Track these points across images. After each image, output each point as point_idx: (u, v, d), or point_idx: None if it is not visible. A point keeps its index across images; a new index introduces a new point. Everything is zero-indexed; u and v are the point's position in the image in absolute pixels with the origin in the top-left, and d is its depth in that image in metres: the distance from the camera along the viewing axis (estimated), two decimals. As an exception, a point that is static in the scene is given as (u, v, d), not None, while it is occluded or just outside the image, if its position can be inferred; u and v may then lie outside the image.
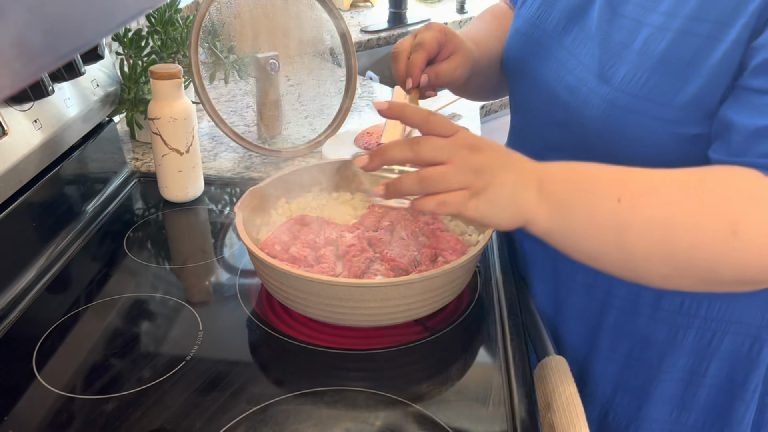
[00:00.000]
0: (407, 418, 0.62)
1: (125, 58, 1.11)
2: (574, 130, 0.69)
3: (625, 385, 0.79)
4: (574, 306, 0.81)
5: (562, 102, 0.70)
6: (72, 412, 0.62)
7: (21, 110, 0.79)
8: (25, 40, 0.24)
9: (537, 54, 0.75)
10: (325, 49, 1.21)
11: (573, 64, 0.69)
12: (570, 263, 0.81)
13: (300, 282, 0.68)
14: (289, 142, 1.19)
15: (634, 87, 0.62)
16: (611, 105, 0.64)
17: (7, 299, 0.76)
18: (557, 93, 0.71)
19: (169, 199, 0.99)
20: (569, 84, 0.69)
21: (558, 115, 0.71)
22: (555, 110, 0.71)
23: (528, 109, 0.79)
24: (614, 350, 0.78)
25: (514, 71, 0.80)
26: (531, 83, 0.76)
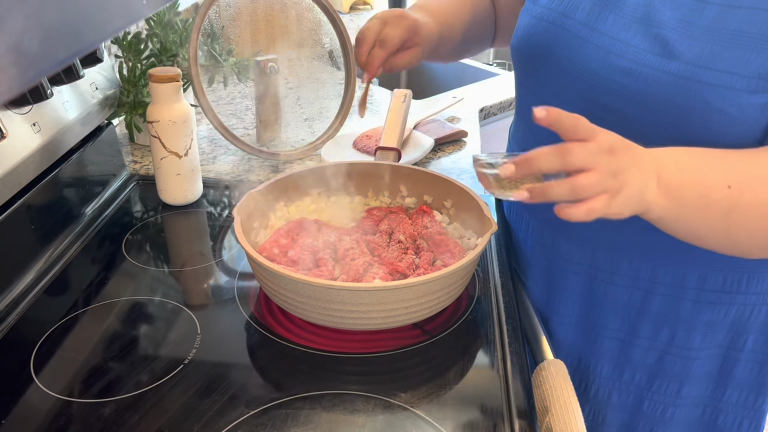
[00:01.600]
0: (405, 421, 0.62)
1: (124, 61, 1.11)
2: (630, 114, 0.69)
3: (664, 370, 0.81)
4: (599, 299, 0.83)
5: (615, 87, 0.69)
6: (70, 416, 0.62)
7: (20, 113, 0.79)
8: (23, 46, 0.24)
9: (570, 42, 0.73)
10: (324, 52, 1.21)
11: (621, 48, 0.68)
12: (564, 266, 0.82)
13: (298, 285, 0.68)
14: (288, 145, 1.19)
15: (708, 61, 0.63)
16: (686, 80, 0.64)
17: (5, 302, 0.76)
18: (607, 78, 0.69)
19: (168, 202, 0.99)
20: (624, 67, 0.68)
21: (608, 102, 0.70)
22: (603, 97, 0.70)
23: (563, 100, 0.75)
24: (655, 338, 0.80)
25: (538, 61, 0.78)
26: (565, 73, 0.74)
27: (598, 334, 0.84)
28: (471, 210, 0.83)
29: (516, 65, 0.84)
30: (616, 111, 0.70)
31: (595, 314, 0.84)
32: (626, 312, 0.81)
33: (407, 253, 0.79)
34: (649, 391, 0.84)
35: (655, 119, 0.67)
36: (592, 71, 0.71)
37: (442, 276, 0.68)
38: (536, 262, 0.88)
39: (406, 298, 0.69)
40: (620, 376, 0.85)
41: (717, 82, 0.63)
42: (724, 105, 0.63)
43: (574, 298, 0.85)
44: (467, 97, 1.46)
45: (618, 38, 0.69)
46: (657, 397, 0.83)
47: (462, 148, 1.22)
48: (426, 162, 1.16)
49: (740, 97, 0.63)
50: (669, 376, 0.82)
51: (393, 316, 0.70)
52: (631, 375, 0.84)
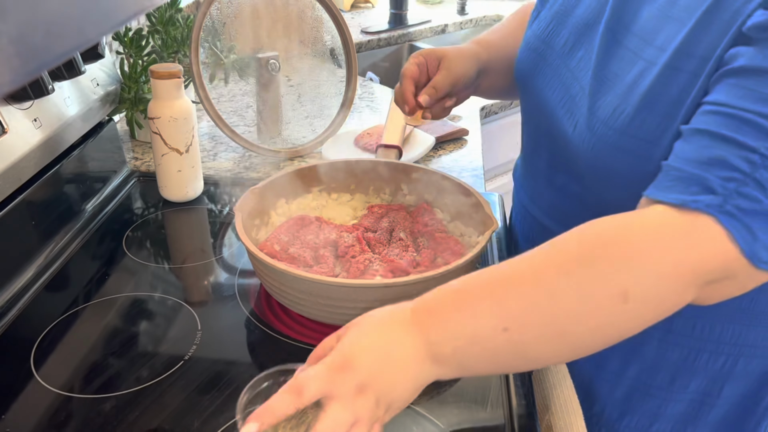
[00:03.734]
0: (405, 418, 0.62)
1: (125, 57, 1.11)
2: (571, 156, 0.67)
3: (634, 407, 0.76)
4: None
5: (562, 126, 0.67)
6: (70, 411, 0.62)
7: (21, 109, 0.79)
8: (26, 38, 0.24)
9: (543, 72, 0.72)
10: (325, 50, 1.21)
11: (576, 89, 0.67)
12: None
13: (299, 282, 0.68)
14: (289, 142, 1.19)
15: (621, 123, 0.60)
16: (599, 140, 0.62)
17: (5, 297, 0.76)
18: (558, 116, 0.68)
19: (169, 199, 0.99)
20: (569, 109, 0.66)
21: (559, 138, 0.69)
22: (556, 132, 0.69)
23: (535, 126, 0.76)
24: (622, 374, 0.75)
25: (522, 86, 0.78)
26: (536, 100, 0.73)
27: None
28: (472, 208, 0.83)
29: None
30: (565, 149, 0.68)
31: None
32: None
33: (408, 250, 0.79)
34: (620, 425, 0.78)
35: (584, 172, 0.65)
36: (551, 105, 0.69)
37: (443, 273, 0.68)
38: None
39: (407, 295, 0.68)
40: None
41: (624, 146, 0.60)
42: (628, 172, 0.60)
43: None
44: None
45: (576, 77, 0.66)
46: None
47: (463, 146, 1.22)
48: (427, 160, 1.16)
49: (648, 165, 0.58)
50: (639, 413, 0.76)
51: (393, 314, 0.70)
52: (600, 409, 0.78)
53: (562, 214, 0.73)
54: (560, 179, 0.72)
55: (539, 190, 0.77)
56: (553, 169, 0.73)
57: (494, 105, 1.48)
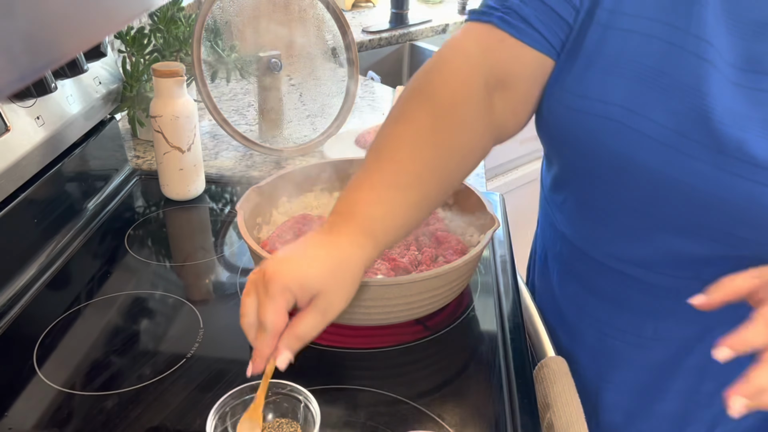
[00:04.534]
0: (407, 416, 0.62)
1: (127, 55, 1.11)
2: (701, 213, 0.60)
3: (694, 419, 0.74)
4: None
5: (680, 186, 0.59)
6: (72, 409, 0.62)
7: (23, 107, 0.79)
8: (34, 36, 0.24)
9: (629, 139, 0.60)
10: (326, 49, 1.21)
11: (692, 147, 0.58)
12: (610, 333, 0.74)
13: (301, 280, 0.68)
14: (291, 141, 1.19)
15: None
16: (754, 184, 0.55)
17: (8, 295, 0.76)
18: (677, 179, 0.59)
19: (171, 197, 0.99)
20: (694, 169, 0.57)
21: (675, 202, 0.60)
22: (673, 195, 0.60)
23: (618, 191, 0.64)
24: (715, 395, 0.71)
25: (587, 159, 0.64)
26: (619, 169, 0.62)
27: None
28: (473, 207, 0.83)
29: (555, 155, 0.72)
30: (683, 209, 0.60)
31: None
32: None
33: (409, 249, 0.79)
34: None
35: (736, 227, 0.59)
36: (651, 167, 0.60)
37: (445, 272, 0.69)
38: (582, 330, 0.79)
39: (408, 293, 0.69)
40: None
41: None
42: None
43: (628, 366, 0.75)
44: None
45: (683, 133, 0.58)
46: None
47: (464, 145, 1.22)
48: (428, 159, 1.16)
49: None
50: None
51: (395, 312, 0.70)
52: None
53: (655, 264, 0.66)
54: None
55: (610, 237, 0.68)
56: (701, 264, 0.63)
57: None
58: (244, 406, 0.60)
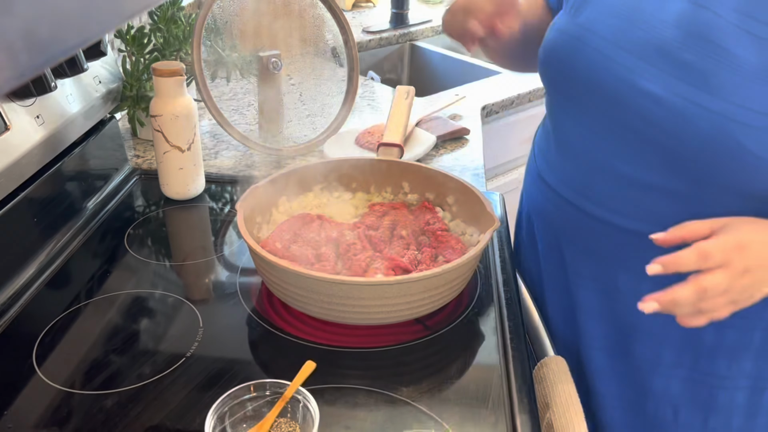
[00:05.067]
0: (407, 415, 0.62)
1: (127, 55, 1.11)
2: (657, 139, 0.67)
3: (689, 401, 0.78)
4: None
5: (642, 111, 0.66)
6: (72, 408, 0.62)
7: (23, 105, 0.79)
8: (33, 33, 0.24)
9: (593, 59, 0.70)
10: (327, 49, 1.21)
11: (649, 71, 0.65)
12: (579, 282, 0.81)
13: (301, 279, 0.68)
14: (291, 140, 1.19)
15: (749, 101, 0.61)
16: (720, 116, 0.62)
17: (7, 294, 0.76)
18: (633, 101, 0.67)
19: (170, 197, 0.99)
20: (651, 92, 0.65)
21: (634, 124, 0.68)
22: (630, 119, 0.68)
23: (591, 117, 0.73)
24: (679, 365, 0.77)
25: (562, 75, 0.76)
26: (589, 90, 0.71)
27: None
28: (473, 207, 0.83)
29: (542, 79, 0.82)
30: (641, 134, 0.68)
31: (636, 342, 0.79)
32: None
33: (409, 248, 0.79)
34: (675, 425, 0.80)
35: (682, 148, 0.65)
36: (616, 91, 0.68)
37: (444, 272, 0.69)
38: (552, 279, 0.87)
39: (408, 293, 0.69)
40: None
41: (754, 123, 0.61)
42: (757, 148, 0.61)
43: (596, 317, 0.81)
44: (470, 94, 1.46)
45: (645, 60, 0.66)
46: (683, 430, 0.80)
47: (464, 145, 1.22)
48: (428, 159, 1.17)
49: None
50: (694, 406, 0.78)
51: (395, 311, 0.70)
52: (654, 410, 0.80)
53: (632, 207, 0.72)
54: (628, 169, 0.71)
55: (579, 174, 0.76)
56: (616, 159, 0.71)
57: (495, 104, 1.48)
58: (243, 406, 0.60)
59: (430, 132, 1.21)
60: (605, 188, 0.73)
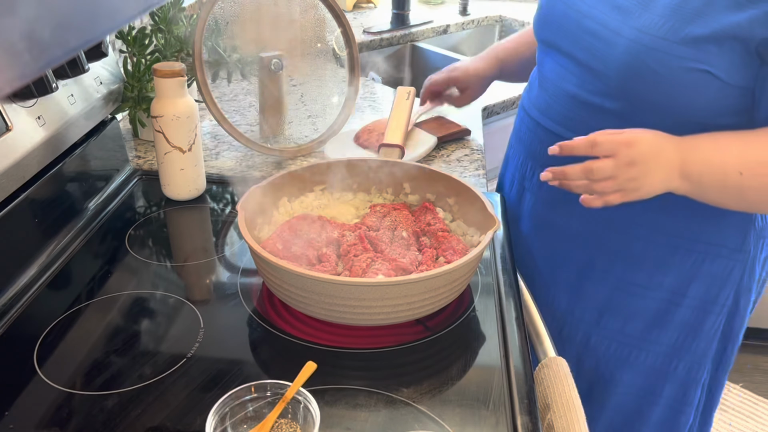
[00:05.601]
0: (408, 416, 0.62)
1: (129, 56, 1.11)
2: (598, 70, 0.81)
3: (613, 307, 0.93)
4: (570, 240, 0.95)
5: (585, 44, 0.82)
6: (72, 408, 0.62)
7: (25, 106, 0.79)
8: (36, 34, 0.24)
9: (563, 11, 0.87)
10: (328, 50, 1.21)
11: (593, 13, 0.81)
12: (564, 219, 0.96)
13: (302, 280, 0.68)
14: (292, 141, 1.19)
15: (657, 30, 0.74)
16: (634, 42, 0.76)
17: (8, 295, 0.76)
18: (579, 36, 0.83)
19: (171, 197, 0.99)
20: (591, 29, 0.81)
21: (581, 57, 0.84)
22: (577, 53, 0.84)
23: (556, 54, 0.90)
24: (609, 272, 0.92)
25: (545, 26, 0.92)
26: (557, 33, 0.88)
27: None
28: (474, 207, 0.83)
29: (536, 33, 0.96)
30: (585, 63, 0.83)
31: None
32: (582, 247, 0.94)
33: (410, 249, 0.79)
34: (597, 326, 0.96)
35: (614, 76, 0.79)
36: (571, 30, 0.85)
37: (445, 272, 0.69)
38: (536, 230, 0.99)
39: (409, 294, 0.69)
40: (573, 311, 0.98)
41: (655, 46, 0.74)
42: (660, 68, 0.74)
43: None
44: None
45: (591, 5, 0.82)
46: (604, 332, 0.96)
47: (465, 146, 1.22)
48: (429, 159, 1.17)
49: (672, 61, 0.73)
50: (615, 312, 0.94)
51: (395, 312, 0.70)
52: (581, 313, 0.96)
53: (580, 124, 0.86)
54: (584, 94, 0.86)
55: (547, 100, 0.92)
56: (583, 90, 0.85)
57: (496, 105, 1.48)
58: (244, 406, 0.60)
59: (431, 133, 1.21)
60: (563, 110, 0.89)
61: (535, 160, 0.97)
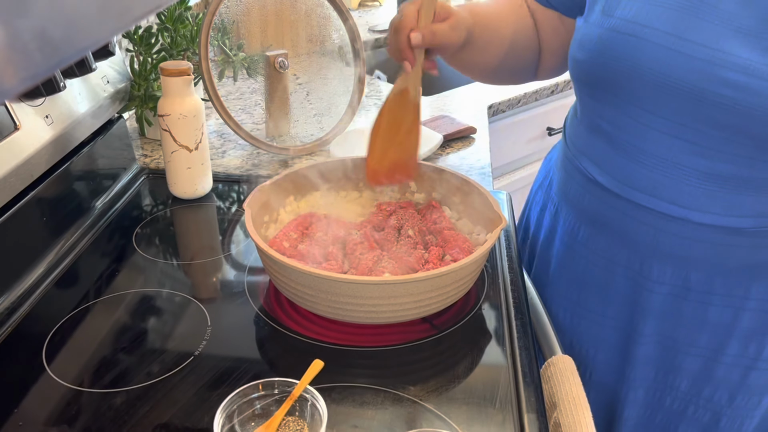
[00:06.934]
0: (414, 414, 0.62)
1: (135, 55, 1.11)
2: (743, 128, 0.65)
3: (747, 386, 0.81)
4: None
5: (724, 101, 0.64)
6: (81, 406, 0.63)
7: (33, 105, 0.80)
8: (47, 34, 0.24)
9: (656, 55, 0.68)
10: (333, 48, 1.21)
11: (725, 59, 0.64)
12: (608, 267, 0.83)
13: (308, 278, 0.68)
14: (297, 140, 1.19)
15: None
16: None
17: (17, 294, 0.77)
18: (712, 92, 0.65)
19: (178, 196, 1.00)
20: (732, 80, 0.63)
21: (716, 116, 0.66)
22: (710, 111, 0.66)
23: (658, 115, 0.71)
24: (743, 354, 0.80)
25: (618, 75, 0.72)
26: (655, 87, 0.69)
27: (680, 350, 0.82)
28: (480, 205, 0.83)
29: (585, 79, 0.78)
30: (724, 126, 0.66)
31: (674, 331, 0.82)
32: (710, 329, 0.79)
33: (416, 248, 0.79)
34: (729, 408, 0.83)
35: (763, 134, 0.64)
36: (691, 84, 0.66)
37: (452, 271, 0.69)
38: (566, 258, 0.88)
39: (416, 292, 0.69)
40: (699, 393, 0.83)
41: None
42: None
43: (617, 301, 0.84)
44: (476, 93, 1.46)
45: (718, 49, 0.64)
46: (738, 411, 0.83)
47: (471, 144, 1.22)
48: (434, 158, 1.17)
49: None
50: (752, 389, 0.81)
51: (402, 310, 0.70)
52: (711, 392, 0.83)
53: (686, 197, 0.72)
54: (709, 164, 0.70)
55: (644, 173, 0.74)
56: (696, 156, 0.70)
57: (502, 103, 1.48)
58: (251, 404, 0.60)
59: (437, 131, 1.21)
60: (676, 184, 0.72)
61: (594, 226, 0.83)
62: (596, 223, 0.82)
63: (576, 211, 0.85)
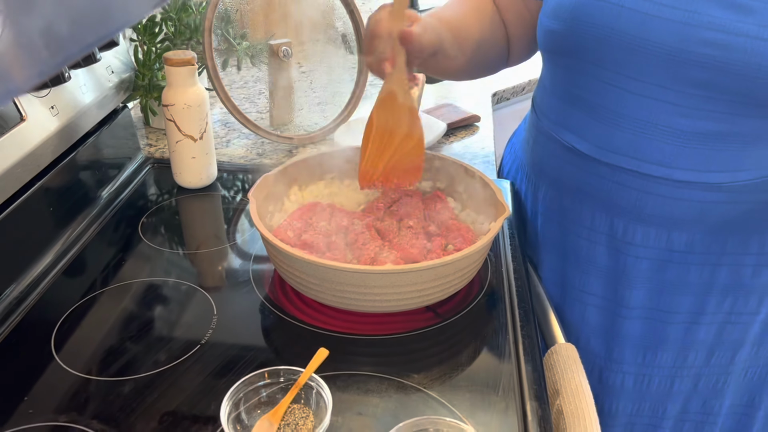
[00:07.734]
0: (418, 402, 0.63)
1: (139, 44, 1.12)
2: (728, 85, 0.66)
3: (722, 342, 0.84)
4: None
5: (705, 60, 0.65)
6: (89, 393, 0.64)
7: (38, 96, 0.80)
8: (53, 30, 0.25)
9: (632, 19, 0.68)
10: (337, 36, 1.21)
11: (701, 19, 0.65)
12: (579, 241, 0.85)
13: (313, 268, 0.69)
14: (301, 129, 1.19)
15: None
16: None
17: (25, 283, 0.78)
18: (693, 52, 0.65)
19: (183, 185, 1.00)
20: (711, 39, 0.64)
21: (699, 76, 0.67)
22: (692, 72, 0.67)
23: (640, 80, 0.71)
24: (719, 311, 0.82)
25: (593, 42, 0.72)
26: (634, 52, 0.69)
27: (663, 320, 0.83)
28: (484, 194, 0.83)
29: (557, 49, 0.79)
30: (705, 84, 0.67)
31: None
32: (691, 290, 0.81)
33: (419, 238, 0.80)
34: (706, 367, 0.85)
35: (755, 87, 0.65)
36: (669, 46, 0.67)
37: (455, 260, 0.69)
38: (549, 234, 0.89)
39: (419, 281, 0.69)
40: (684, 361, 0.85)
41: None
42: None
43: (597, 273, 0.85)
44: (480, 81, 1.45)
45: (693, 10, 0.65)
46: (713, 369, 0.86)
47: (474, 132, 1.22)
48: (438, 147, 1.17)
49: None
50: (726, 345, 0.84)
51: (406, 299, 0.71)
52: (694, 356, 0.85)
53: (672, 157, 0.73)
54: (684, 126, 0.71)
55: (626, 137, 0.74)
56: (678, 116, 0.71)
57: (506, 91, 1.48)
58: (257, 392, 0.61)
59: (441, 119, 1.21)
60: (658, 144, 0.73)
61: (575, 197, 0.84)
62: (578, 193, 0.83)
63: (556, 186, 0.86)
